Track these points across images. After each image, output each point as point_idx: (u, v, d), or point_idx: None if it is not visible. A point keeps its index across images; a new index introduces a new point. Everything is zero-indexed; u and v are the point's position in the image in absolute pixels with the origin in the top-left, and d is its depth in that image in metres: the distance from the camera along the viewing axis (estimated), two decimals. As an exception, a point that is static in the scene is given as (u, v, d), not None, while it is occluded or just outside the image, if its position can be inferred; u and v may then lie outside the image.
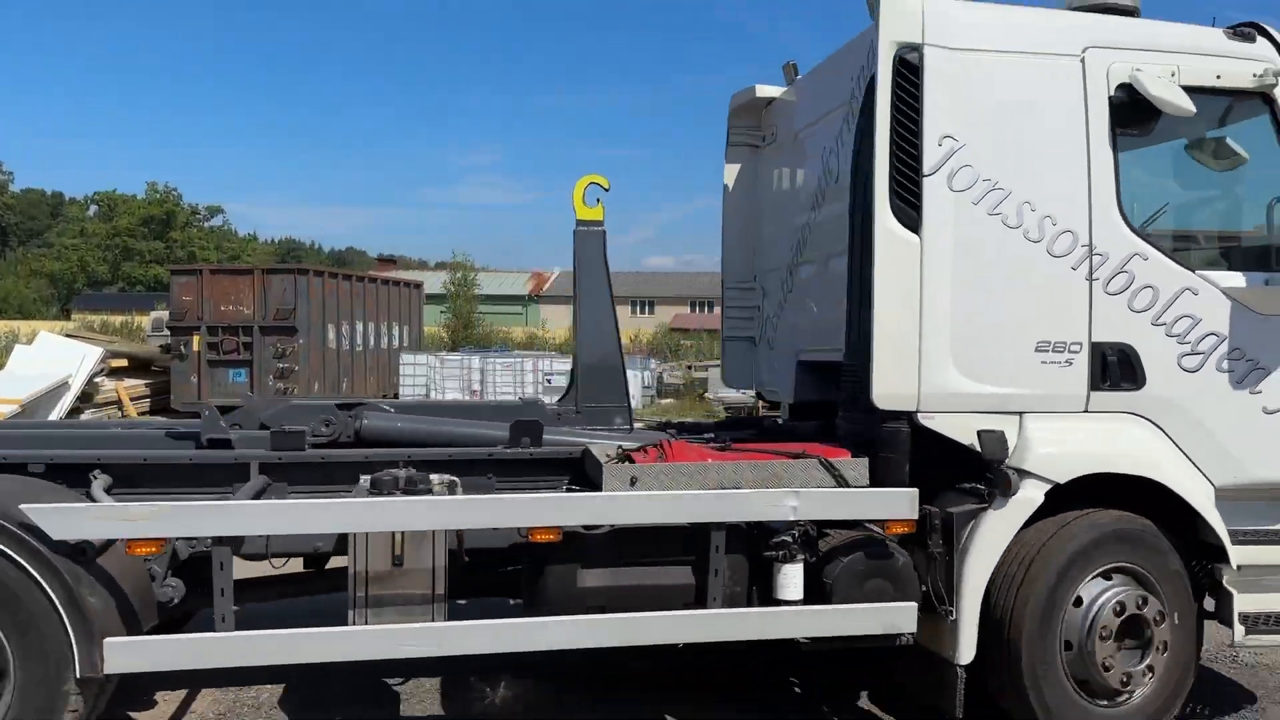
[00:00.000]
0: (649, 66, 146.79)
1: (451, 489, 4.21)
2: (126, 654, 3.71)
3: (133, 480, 4.16)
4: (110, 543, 3.77)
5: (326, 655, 3.98)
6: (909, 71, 4.35)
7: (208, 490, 4.26)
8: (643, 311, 65.51)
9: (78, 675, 3.63)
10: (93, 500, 3.92)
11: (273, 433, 4.42)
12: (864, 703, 5.30)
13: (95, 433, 4.86)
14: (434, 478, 4.22)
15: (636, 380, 25.03)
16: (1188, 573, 4.65)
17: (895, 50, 4.36)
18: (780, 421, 5.90)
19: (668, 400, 26.20)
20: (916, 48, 4.36)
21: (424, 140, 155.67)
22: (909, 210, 4.36)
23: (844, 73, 5.08)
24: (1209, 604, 4.80)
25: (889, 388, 4.40)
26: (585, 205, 5.45)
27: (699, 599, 4.32)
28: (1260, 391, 4.65)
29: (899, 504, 4.35)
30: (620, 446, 4.57)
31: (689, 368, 30.44)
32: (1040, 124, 4.51)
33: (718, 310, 6.85)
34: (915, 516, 4.39)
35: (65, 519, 3.68)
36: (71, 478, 4.10)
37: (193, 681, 4.75)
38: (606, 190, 5.45)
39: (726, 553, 4.26)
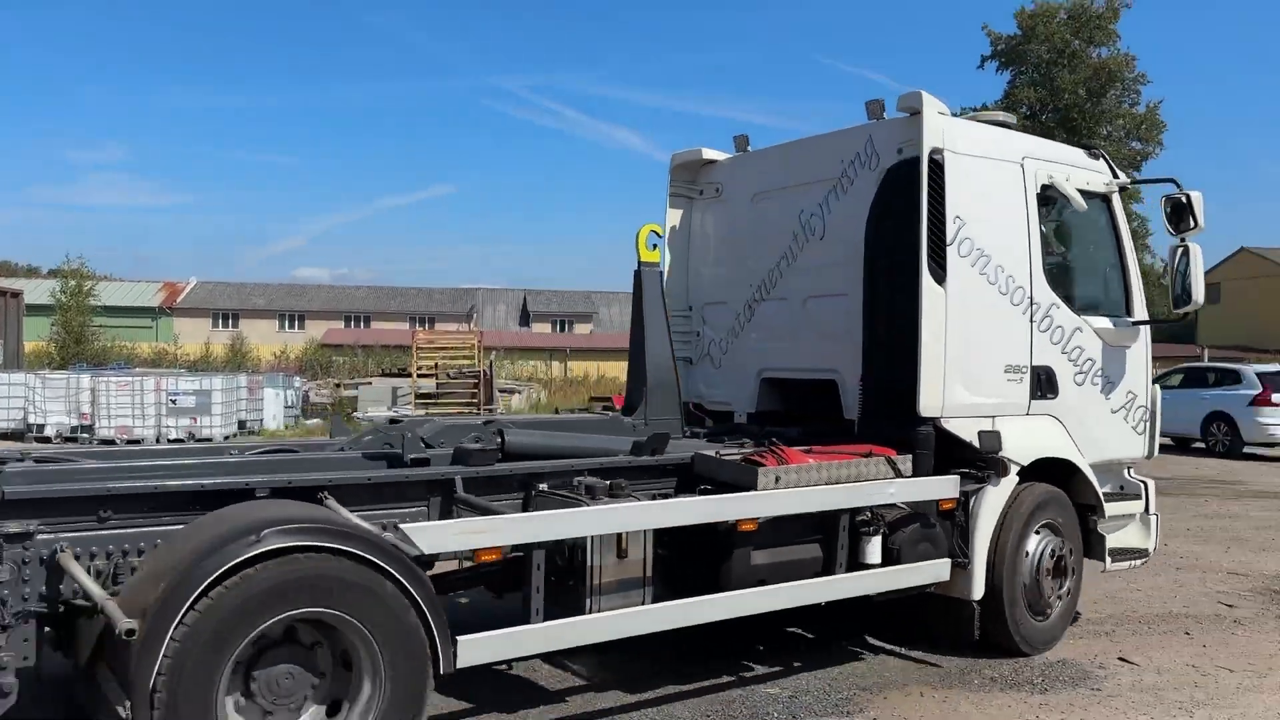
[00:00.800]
0: (299, 70, 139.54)
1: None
2: (476, 649, 4.19)
3: (342, 499, 4.34)
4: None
5: (616, 633, 4.71)
6: (935, 169, 5.75)
7: (408, 504, 4.60)
8: (292, 326, 62.36)
9: (440, 672, 3.98)
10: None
11: (473, 452, 4.86)
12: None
13: (310, 457, 4.97)
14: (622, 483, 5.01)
15: (278, 400, 23.31)
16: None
17: (940, 160, 5.76)
18: (745, 424, 6.92)
19: (314, 421, 23.91)
20: (940, 151, 5.77)
21: (30, 132, 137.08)
22: (938, 269, 5.73)
23: (831, 155, 6.54)
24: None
25: (929, 400, 5.71)
26: (647, 249, 6.27)
27: (825, 568, 5.42)
28: (1110, 398, 6.60)
29: (949, 487, 5.75)
30: (719, 452, 5.49)
31: (337, 385, 29.17)
32: (1003, 208, 6.11)
33: (375, 325, 7.15)
34: (957, 496, 5.75)
35: (433, 535, 4.21)
36: (290, 499, 4.23)
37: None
38: (661, 237, 6.38)
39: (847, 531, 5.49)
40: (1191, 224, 6.52)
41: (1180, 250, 6.55)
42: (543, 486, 4.94)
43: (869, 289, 6.16)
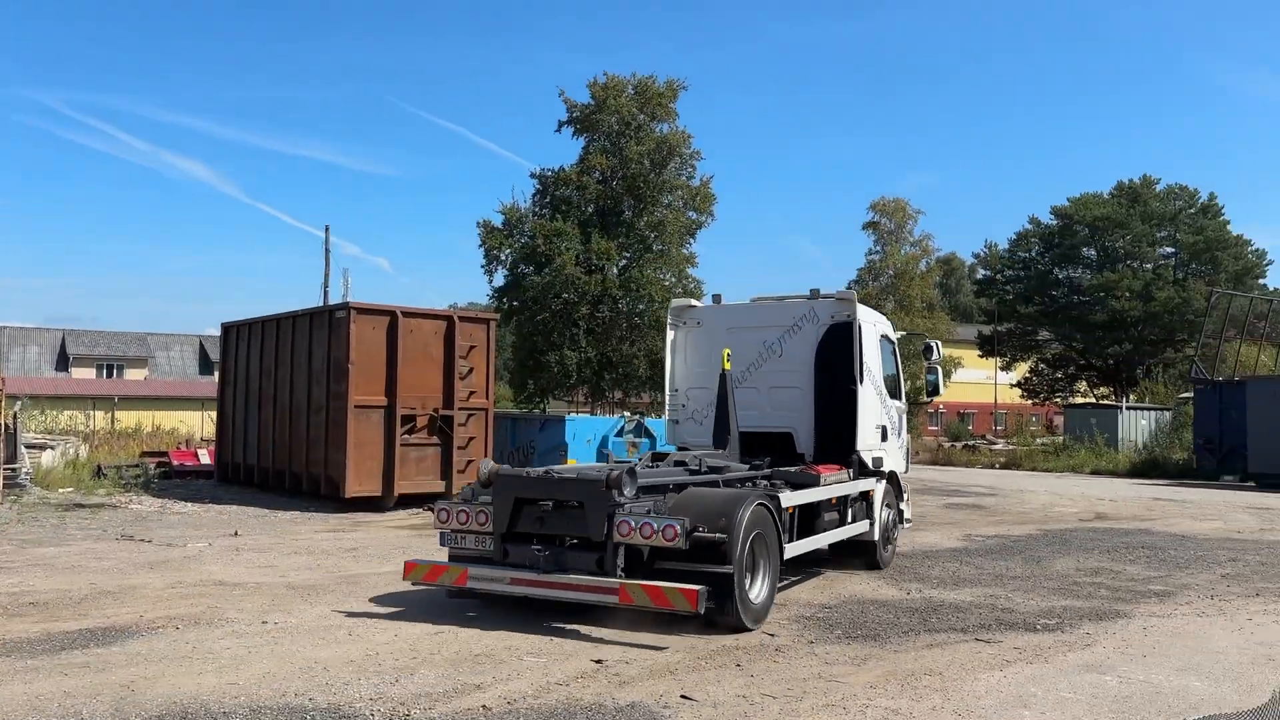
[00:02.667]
0: None
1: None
2: (792, 549, 9.29)
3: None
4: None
5: (805, 549, 9.89)
6: (859, 330, 11.27)
7: None
8: None
9: (782, 560, 8.92)
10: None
11: (721, 467, 9.91)
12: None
13: (645, 469, 9.65)
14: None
15: None
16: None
17: (858, 324, 11.26)
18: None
19: None
20: (859, 322, 11.35)
21: None
22: (860, 379, 11.13)
23: (787, 313, 11.84)
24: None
25: (860, 443, 11.18)
26: (728, 362, 10.91)
27: (839, 524, 10.67)
28: (898, 440, 12.63)
29: (872, 483, 11.44)
30: (781, 473, 10.29)
31: None
32: (872, 346, 11.76)
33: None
34: (873, 488, 11.45)
35: (791, 497, 9.37)
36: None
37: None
38: (729, 354, 11.01)
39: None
40: (934, 357, 13.35)
41: (928, 369, 13.50)
42: (738, 483, 9.63)
43: (818, 385, 11.55)
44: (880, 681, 6.71)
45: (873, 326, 11.95)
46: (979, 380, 65.85)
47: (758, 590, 8.40)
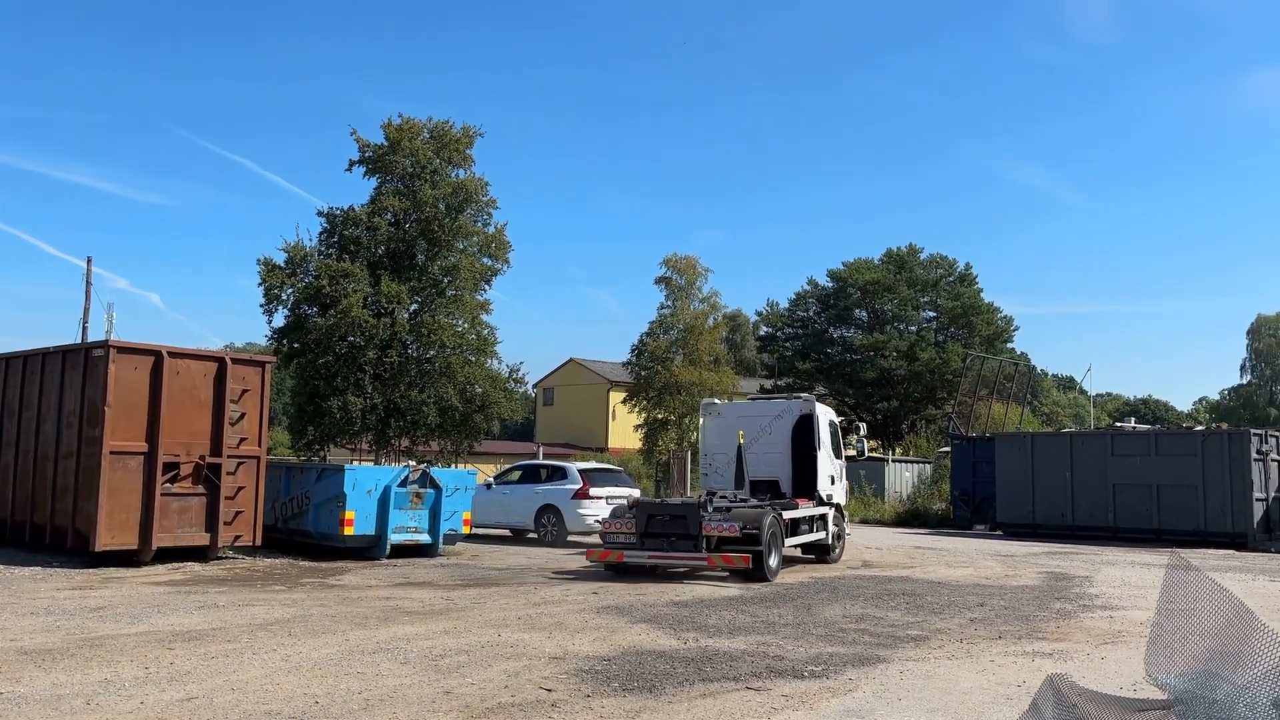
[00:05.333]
0: None
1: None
2: (789, 541, 17.41)
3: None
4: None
5: (804, 540, 18.79)
6: (818, 420, 19.63)
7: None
8: None
9: (784, 546, 16.83)
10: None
11: (756, 498, 18.15)
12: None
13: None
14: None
15: None
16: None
17: (816, 415, 19.63)
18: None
19: None
20: (818, 415, 19.72)
21: None
22: (818, 447, 19.42)
23: (774, 408, 20.39)
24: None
25: (819, 486, 19.29)
26: (742, 438, 19.02)
27: (809, 531, 18.62)
28: (843, 483, 21.43)
29: (827, 509, 19.42)
30: (779, 502, 18.20)
31: None
32: (826, 427, 19.98)
33: None
34: (828, 511, 19.33)
35: (787, 514, 17.40)
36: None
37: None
38: (742, 434, 19.16)
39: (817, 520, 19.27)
40: (861, 432, 23.08)
41: (858, 435, 22.28)
42: (758, 507, 16.79)
43: (794, 451, 19.42)
44: (653, 734, 6.77)
45: (825, 414, 20.00)
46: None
47: (774, 561, 16.03)
